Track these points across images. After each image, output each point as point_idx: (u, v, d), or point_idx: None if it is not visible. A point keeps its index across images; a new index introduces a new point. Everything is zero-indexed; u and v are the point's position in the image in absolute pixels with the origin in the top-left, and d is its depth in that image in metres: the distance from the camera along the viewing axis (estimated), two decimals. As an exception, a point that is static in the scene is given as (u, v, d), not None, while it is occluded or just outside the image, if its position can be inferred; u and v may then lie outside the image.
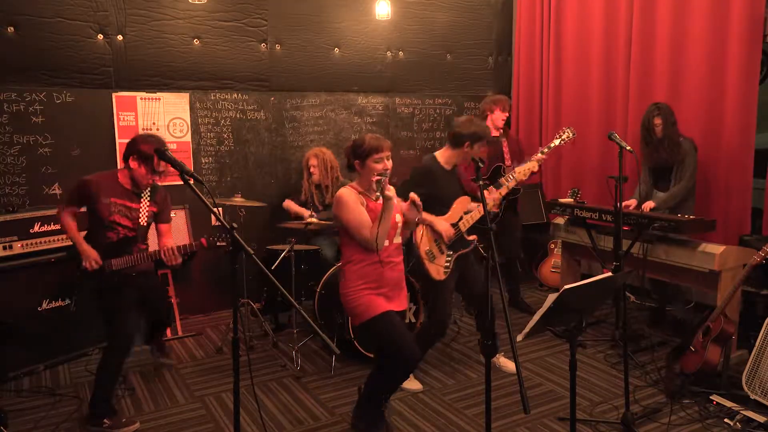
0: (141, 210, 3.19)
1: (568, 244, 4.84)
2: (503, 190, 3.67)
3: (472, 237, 3.61)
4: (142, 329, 3.71)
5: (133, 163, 3.10)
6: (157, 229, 3.38)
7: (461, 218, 3.54)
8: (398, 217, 2.93)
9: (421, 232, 3.48)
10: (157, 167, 3.09)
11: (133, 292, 3.27)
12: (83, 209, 3.24)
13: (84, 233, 3.24)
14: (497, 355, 3.93)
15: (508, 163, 4.45)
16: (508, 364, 3.90)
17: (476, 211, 3.54)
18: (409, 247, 3.44)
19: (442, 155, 3.58)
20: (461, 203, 3.55)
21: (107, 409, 3.17)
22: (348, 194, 2.87)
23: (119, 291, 3.21)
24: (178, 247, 3.16)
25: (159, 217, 3.36)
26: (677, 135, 4.14)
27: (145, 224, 3.25)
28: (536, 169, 3.85)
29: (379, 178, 2.74)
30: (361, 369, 3.86)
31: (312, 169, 4.74)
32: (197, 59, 4.81)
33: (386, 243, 2.86)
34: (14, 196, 4.26)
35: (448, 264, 3.51)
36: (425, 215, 3.38)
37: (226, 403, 3.46)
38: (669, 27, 4.56)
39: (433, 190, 3.44)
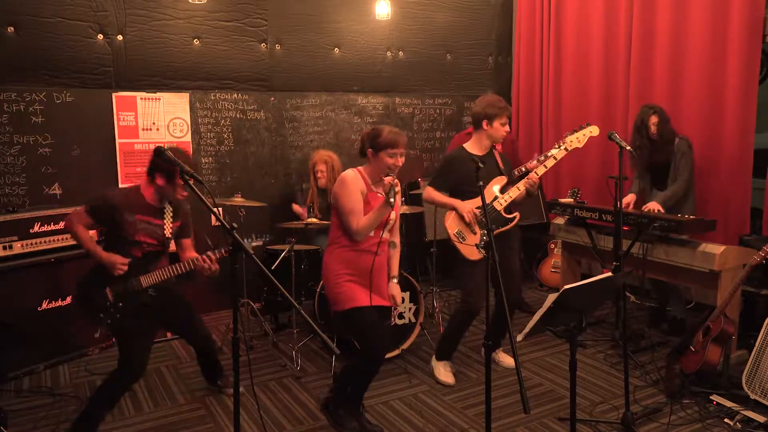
0: (165, 226, 3.02)
1: (568, 244, 4.84)
2: (540, 170, 3.53)
3: (514, 214, 3.59)
4: (196, 360, 3.60)
5: (160, 180, 2.91)
6: (179, 244, 3.18)
7: (495, 198, 3.54)
8: (393, 215, 2.99)
9: (450, 216, 3.56)
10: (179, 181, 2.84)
11: (151, 314, 3.04)
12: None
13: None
14: (497, 350, 3.97)
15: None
16: (506, 359, 3.93)
17: (514, 189, 3.54)
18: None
19: (470, 142, 3.63)
20: (495, 183, 3.57)
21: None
22: (352, 179, 2.90)
23: (136, 313, 2.95)
24: (212, 252, 2.95)
25: (182, 231, 3.16)
26: (672, 133, 4.15)
27: (169, 238, 3.07)
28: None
29: (391, 180, 2.74)
30: (361, 369, 3.86)
31: (319, 174, 4.74)
32: (197, 59, 4.81)
33: (371, 234, 2.91)
34: (14, 196, 4.26)
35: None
36: (447, 199, 3.54)
37: (226, 403, 3.46)
38: (669, 27, 4.56)
39: (457, 177, 3.53)
